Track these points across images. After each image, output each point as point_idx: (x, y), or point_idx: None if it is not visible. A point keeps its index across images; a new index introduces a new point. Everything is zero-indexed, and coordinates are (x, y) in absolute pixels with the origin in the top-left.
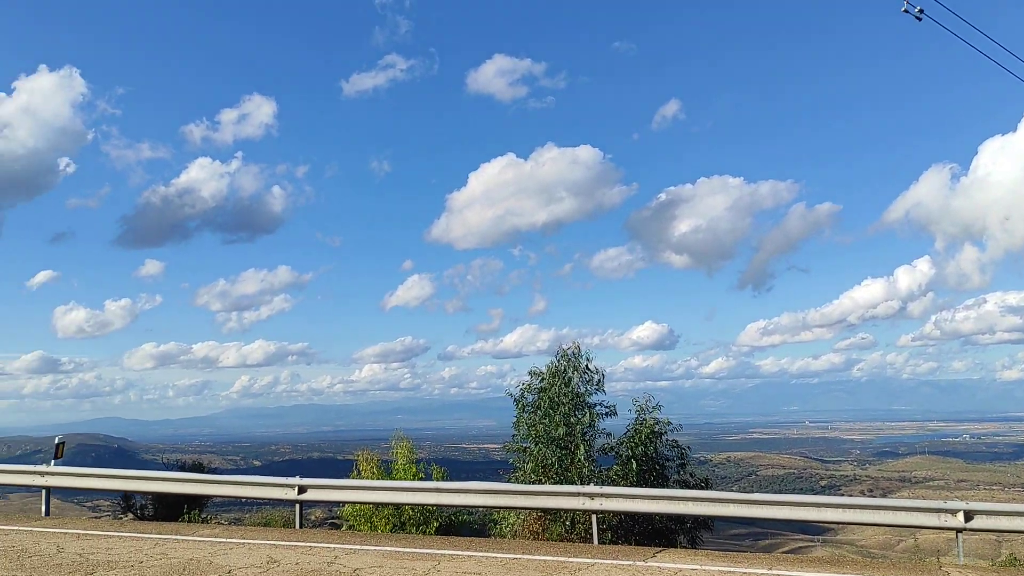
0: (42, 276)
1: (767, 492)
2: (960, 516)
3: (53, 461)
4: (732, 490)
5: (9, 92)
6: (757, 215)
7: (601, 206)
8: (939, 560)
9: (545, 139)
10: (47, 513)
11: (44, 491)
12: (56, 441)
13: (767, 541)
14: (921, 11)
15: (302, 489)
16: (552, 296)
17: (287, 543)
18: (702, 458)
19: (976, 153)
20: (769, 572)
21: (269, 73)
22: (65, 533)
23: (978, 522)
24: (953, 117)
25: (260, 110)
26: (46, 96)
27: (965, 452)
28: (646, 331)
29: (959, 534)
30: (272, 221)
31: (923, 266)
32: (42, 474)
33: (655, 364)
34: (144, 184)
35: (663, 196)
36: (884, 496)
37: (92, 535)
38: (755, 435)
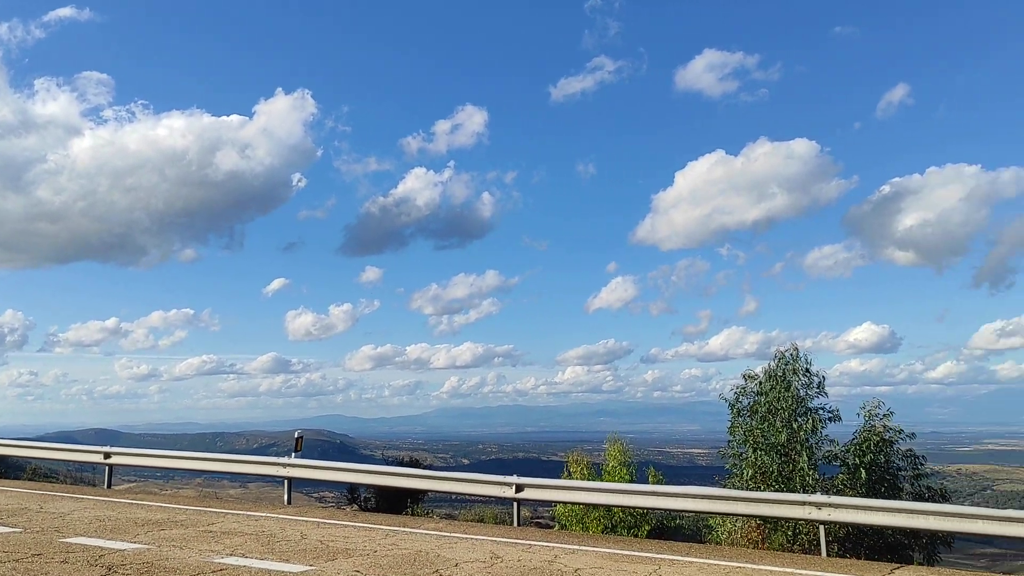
0: (277, 283)
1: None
2: None
3: (294, 454)
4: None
5: (251, 115)
6: (996, 206)
7: (816, 202)
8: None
9: (757, 134)
10: (289, 502)
11: (286, 481)
12: (296, 435)
13: (1012, 563)
14: None
15: (519, 488)
16: (762, 297)
17: (508, 540)
18: (929, 470)
19: None
20: None
21: (481, 83)
22: (307, 521)
23: None
24: None
25: (472, 119)
26: (282, 117)
27: None
28: (864, 333)
29: None
30: (481, 227)
31: None
32: (284, 465)
33: (874, 368)
34: (368, 195)
35: (886, 188)
36: None
37: (330, 524)
38: (990, 446)
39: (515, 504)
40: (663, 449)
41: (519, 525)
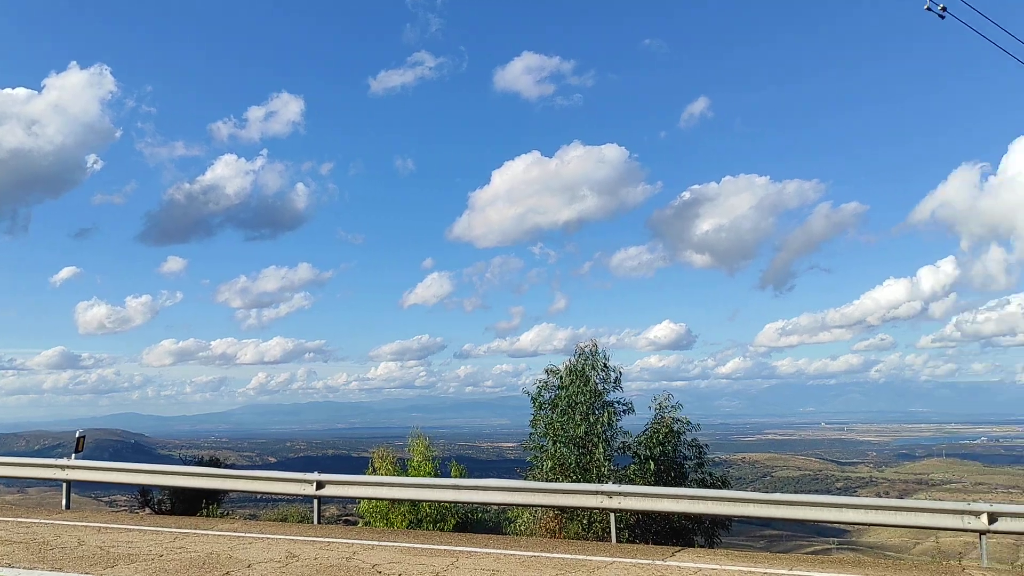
0: (66, 272)
1: (790, 493)
2: (984, 518)
3: (74, 455)
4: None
5: (40, 89)
6: (781, 215)
7: (624, 205)
8: (961, 563)
9: (571, 137)
10: (67, 507)
11: (65, 484)
12: (76, 435)
13: (786, 544)
14: (944, 8)
15: (320, 485)
16: (571, 295)
17: (305, 538)
18: (717, 459)
19: (1006, 152)
20: (790, 573)
21: (298, 71)
22: (86, 526)
23: (1002, 524)
24: (985, 115)
25: (288, 108)
26: (76, 93)
27: (983, 455)
28: (664, 331)
29: (983, 536)
30: (295, 218)
31: (947, 267)
32: (63, 467)
33: (671, 364)
34: (173, 181)
35: (687, 195)
36: (901, 498)
37: (112, 528)
38: (770, 436)
39: (316, 501)
40: (474, 444)
41: (320, 523)
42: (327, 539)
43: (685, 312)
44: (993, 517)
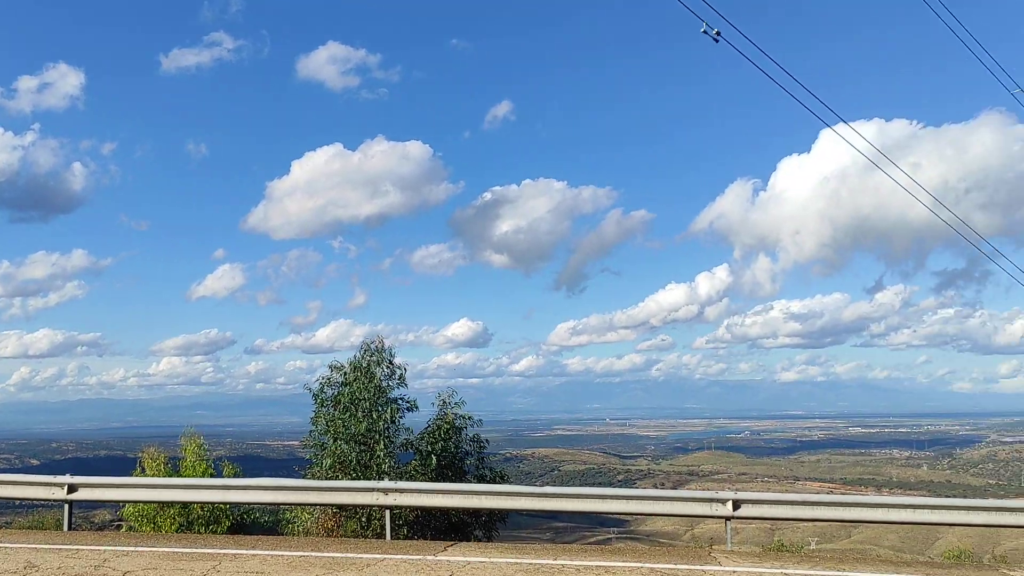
0: None
1: (560, 486)
2: (729, 505)
3: None
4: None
5: None
6: (577, 219)
7: (426, 202)
8: (711, 547)
9: (375, 132)
10: None
11: None
12: None
13: (571, 535)
14: (718, 32)
15: (72, 488)
16: (371, 291)
17: (51, 546)
18: (509, 454)
19: (775, 170)
20: (554, 562)
21: (79, 40)
22: None
23: (745, 510)
24: (758, 135)
25: (65, 80)
26: None
27: (746, 447)
28: (461, 328)
29: (728, 522)
30: (70, 200)
31: (721, 273)
32: None
33: (467, 361)
34: None
35: (488, 195)
36: (675, 489)
37: None
38: (559, 432)
39: (67, 506)
40: (263, 442)
41: (71, 529)
42: (75, 546)
43: (483, 311)
44: (737, 504)
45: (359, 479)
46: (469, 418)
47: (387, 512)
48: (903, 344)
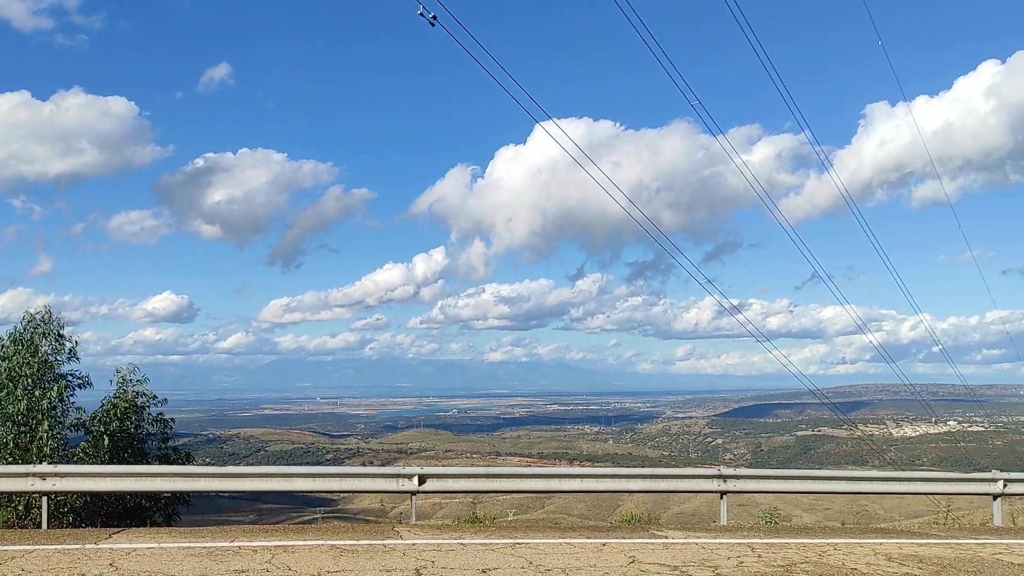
0: None
1: (246, 466)
2: (415, 480)
3: None
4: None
5: None
6: (296, 193)
7: (129, 164)
8: (397, 522)
9: (72, 82)
10: None
11: None
12: None
13: (277, 516)
14: (434, 17)
15: None
16: (59, 258)
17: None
18: (212, 435)
19: (493, 158)
20: (231, 544)
21: None
22: None
23: (430, 484)
24: (480, 122)
25: None
26: None
27: (454, 425)
28: (163, 302)
29: (413, 496)
30: None
31: (438, 256)
32: None
33: (169, 337)
34: None
35: (200, 162)
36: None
37: None
38: (267, 411)
39: None
40: None
41: None
42: None
43: (189, 284)
44: (423, 479)
45: (16, 463)
46: (153, 396)
47: (44, 499)
48: (598, 328)
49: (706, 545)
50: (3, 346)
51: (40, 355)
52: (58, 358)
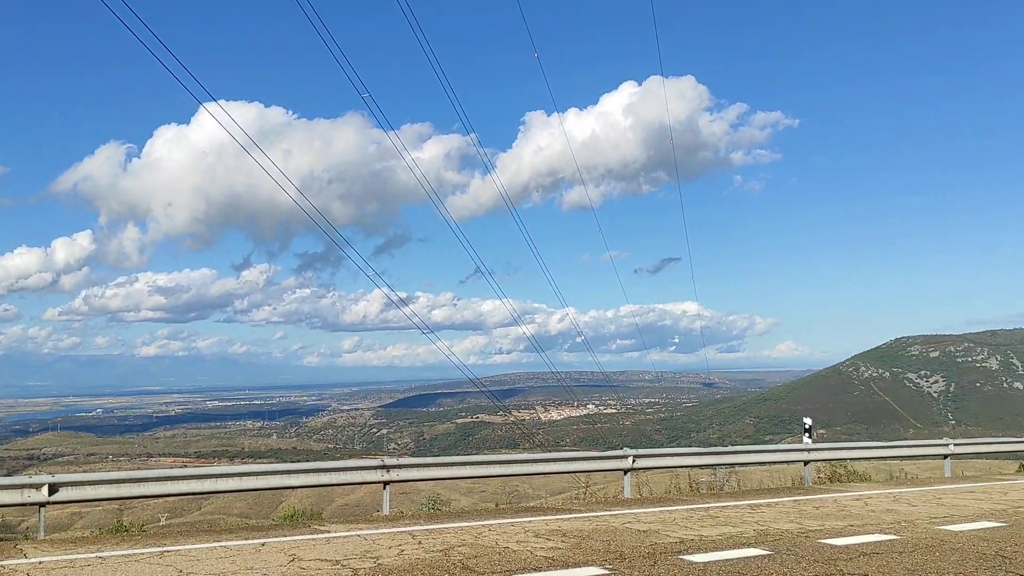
0: None
1: None
2: (44, 490)
3: None
4: None
5: None
6: None
7: None
8: (22, 537)
9: None
10: None
11: None
12: None
13: None
14: None
15: None
16: None
17: None
18: None
19: (152, 137)
20: None
21: None
22: None
23: (64, 494)
24: (137, 96)
25: None
26: None
27: (98, 426)
28: None
29: (42, 508)
30: None
31: (83, 240)
32: None
33: None
34: None
35: None
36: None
37: None
38: None
39: None
40: None
41: None
42: None
43: None
44: (54, 488)
45: None
46: None
47: None
48: (263, 320)
49: (368, 536)
50: None
51: None
52: None
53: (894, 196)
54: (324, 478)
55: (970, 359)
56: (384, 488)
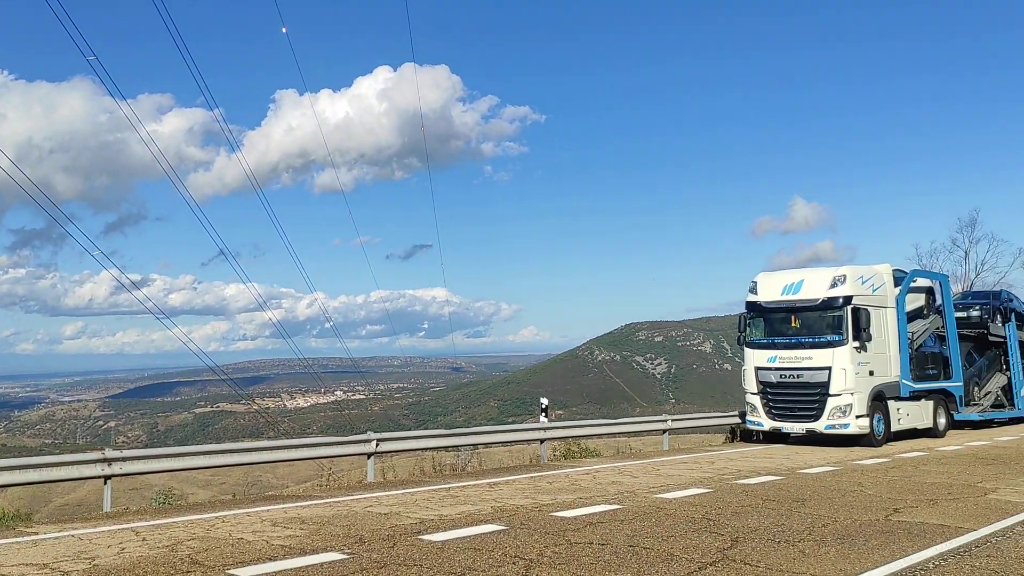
0: None
1: None
2: None
3: None
4: None
5: None
6: None
7: None
8: None
9: None
10: None
11: None
12: None
13: None
14: None
15: None
16: None
17: None
18: None
19: None
20: None
21: None
22: None
23: None
24: None
25: None
26: None
27: None
28: None
29: None
30: None
31: None
32: None
33: None
34: None
35: None
36: None
37: None
38: None
39: None
40: None
41: None
42: None
43: None
44: None
45: None
46: None
47: None
48: None
49: (84, 536)
50: None
51: None
52: None
53: (626, 191)
54: (32, 475)
55: (688, 343)
56: (105, 483)
